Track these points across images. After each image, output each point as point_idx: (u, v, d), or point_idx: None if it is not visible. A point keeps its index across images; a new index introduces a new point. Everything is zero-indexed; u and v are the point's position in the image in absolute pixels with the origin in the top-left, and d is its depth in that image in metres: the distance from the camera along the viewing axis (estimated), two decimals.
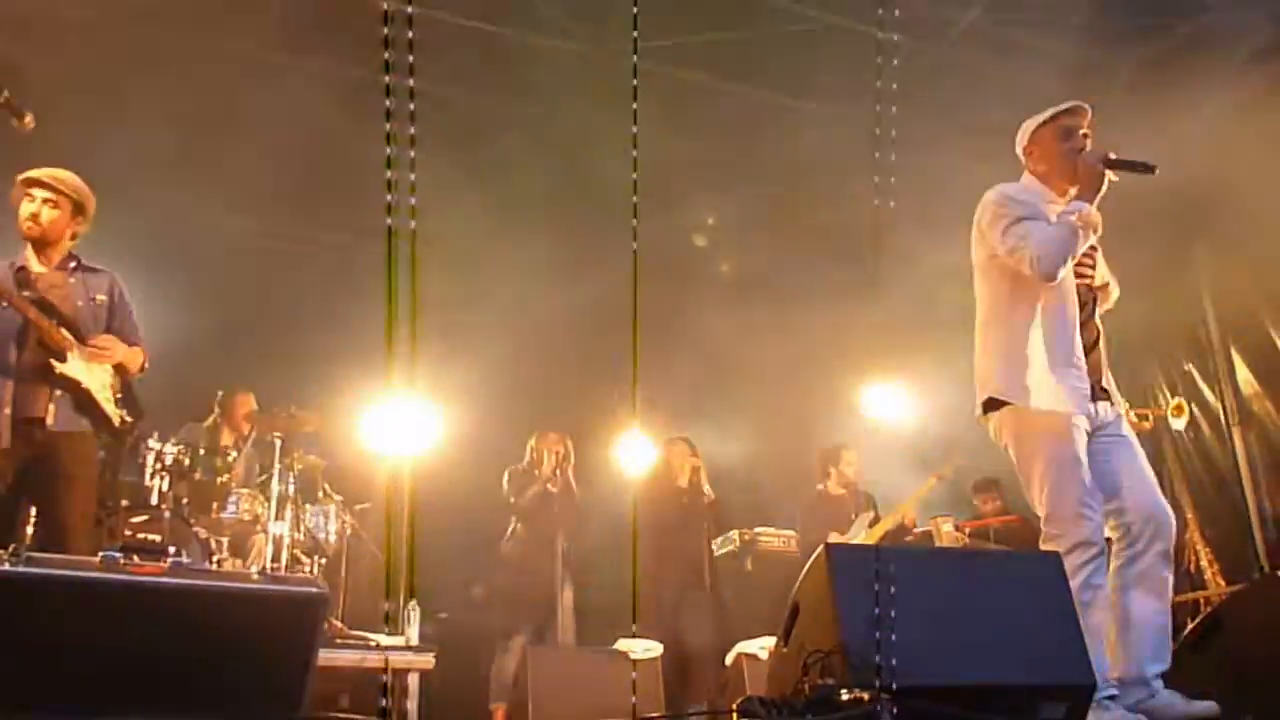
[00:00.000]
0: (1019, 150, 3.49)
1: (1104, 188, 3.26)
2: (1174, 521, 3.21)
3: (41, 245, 3.89)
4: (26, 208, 3.86)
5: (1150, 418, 5.74)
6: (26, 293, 3.78)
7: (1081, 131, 3.37)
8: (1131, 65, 6.22)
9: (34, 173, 3.88)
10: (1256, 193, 5.24)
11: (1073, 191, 3.31)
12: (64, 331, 3.80)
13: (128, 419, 4.00)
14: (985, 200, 3.38)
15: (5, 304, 3.70)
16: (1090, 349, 3.33)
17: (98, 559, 2.39)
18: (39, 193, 3.86)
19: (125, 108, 5.67)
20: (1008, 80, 5.33)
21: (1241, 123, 5.62)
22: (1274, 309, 6.54)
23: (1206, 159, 5.36)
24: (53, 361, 3.74)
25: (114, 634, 2.30)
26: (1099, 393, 3.30)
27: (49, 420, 3.74)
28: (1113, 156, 3.26)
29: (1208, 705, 2.98)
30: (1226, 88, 5.98)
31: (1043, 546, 3.18)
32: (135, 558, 2.44)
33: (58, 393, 3.78)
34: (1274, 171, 5.36)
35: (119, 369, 4.00)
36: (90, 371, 3.85)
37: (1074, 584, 2.95)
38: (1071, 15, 5.83)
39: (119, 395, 3.97)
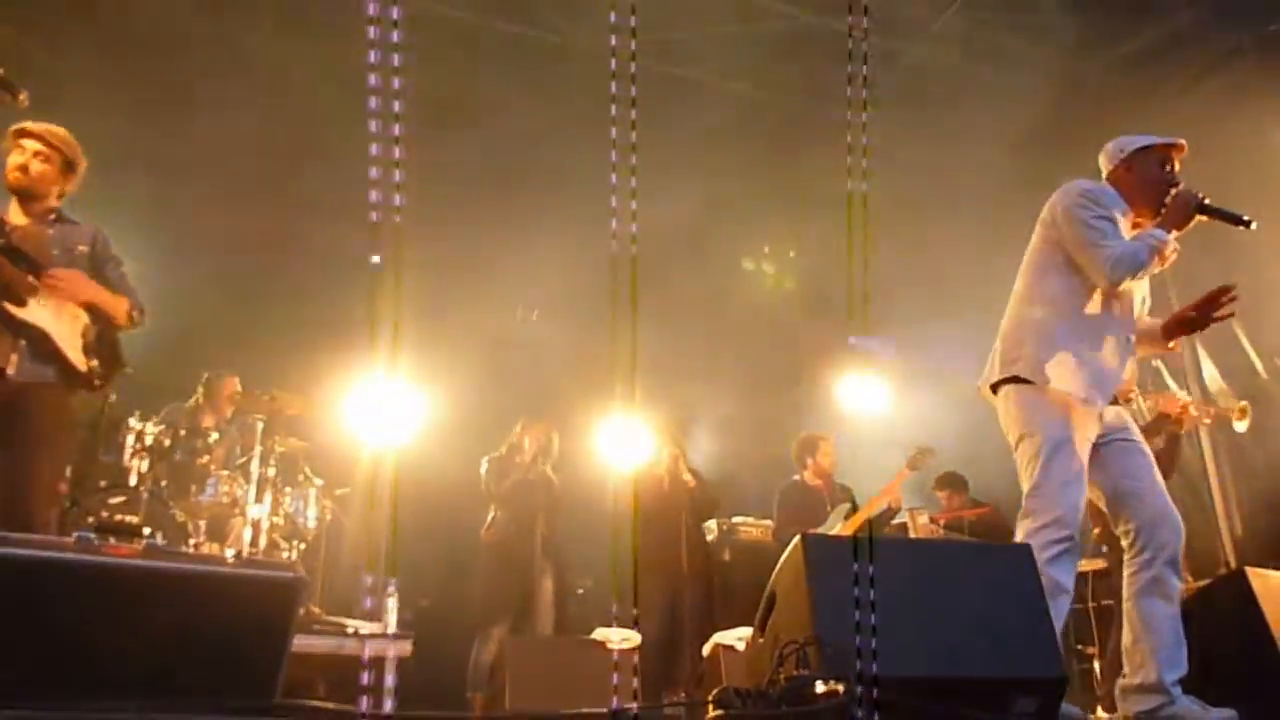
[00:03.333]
0: (1108, 161, 3.50)
1: (1188, 228, 3.31)
2: (1183, 529, 3.22)
3: (27, 199, 3.74)
4: (15, 158, 3.71)
5: (1211, 415, 5.79)
6: None
7: (1178, 168, 3.42)
8: (1102, 67, 6.31)
9: (27, 124, 3.72)
10: (1224, 190, 5.30)
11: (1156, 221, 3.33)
12: (30, 278, 3.60)
13: (98, 368, 3.76)
14: (1070, 188, 3.37)
15: None
16: (1117, 368, 3.34)
17: (72, 539, 2.37)
18: (30, 144, 3.71)
19: (107, 91, 5.63)
20: (981, 80, 5.40)
21: (1211, 123, 5.69)
22: (1240, 308, 6.62)
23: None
24: (8, 305, 3.54)
25: (86, 616, 2.28)
26: (1118, 400, 3.36)
27: (10, 370, 3.53)
28: (1206, 202, 3.30)
29: (1227, 713, 3.02)
30: (1198, 88, 6.06)
31: (1019, 521, 3.22)
32: (110, 539, 2.42)
33: (21, 342, 3.57)
34: (1241, 170, 5.44)
35: (99, 317, 3.79)
36: (58, 319, 3.64)
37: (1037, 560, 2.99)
38: (1043, 17, 5.88)
39: (91, 344, 3.75)
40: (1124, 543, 3.27)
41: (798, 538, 2.73)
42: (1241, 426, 5.76)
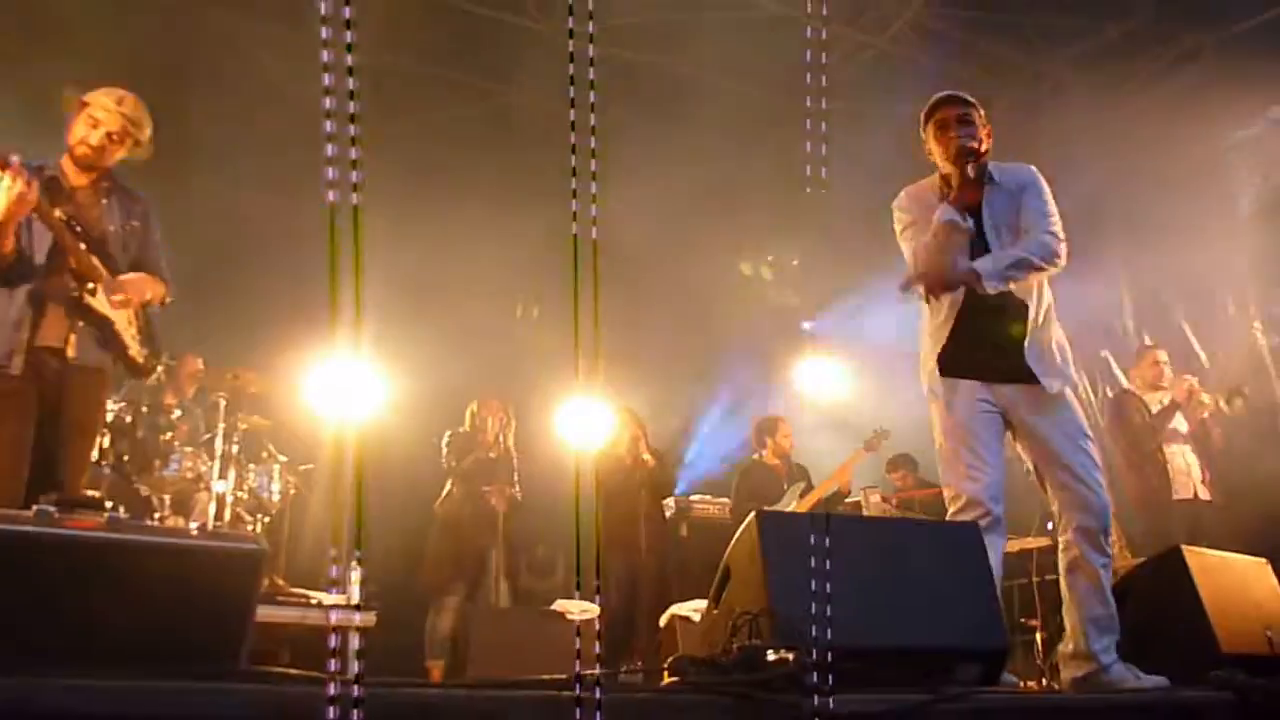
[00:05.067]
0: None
1: (965, 179, 3.28)
2: (1103, 511, 3.31)
3: (85, 165, 3.60)
4: (86, 131, 3.54)
5: (1212, 398, 5.99)
6: (59, 210, 3.43)
7: (957, 123, 3.36)
8: (1062, 63, 6.44)
9: (109, 103, 3.53)
10: (1174, 189, 5.49)
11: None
12: (95, 259, 3.50)
13: (151, 358, 3.74)
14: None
15: (35, 216, 3.34)
16: (1008, 331, 3.37)
17: (31, 512, 2.37)
18: (111, 125, 3.54)
19: (59, 61, 5.55)
20: (943, 75, 5.48)
21: (1162, 124, 5.84)
22: (1185, 300, 6.89)
23: (1128, 157, 5.56)
24: (84, 292, 3.46)
25: (48, 590, 2.29)
26: (1020, 373, 3.35)
27: (70, 352, 3.47)
28: (969, 146, 3.29)
29: (1159, 680, 3.14)
30: (1157, 86, 6.21)
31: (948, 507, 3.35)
32: (72, 512, 2.43)
33: (80, 324, 3.50)
34: (1191, 170, 5.60)
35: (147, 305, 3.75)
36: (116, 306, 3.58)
37: None
38: (1004, 14, 5.98)
39: (142, 332, 3.70)
40: (1057, 520, 3.41)
41: (752, 514, 2.81)
42: (1230, 409, 6.00)
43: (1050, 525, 5.12)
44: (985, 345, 3.37)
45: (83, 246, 3.48)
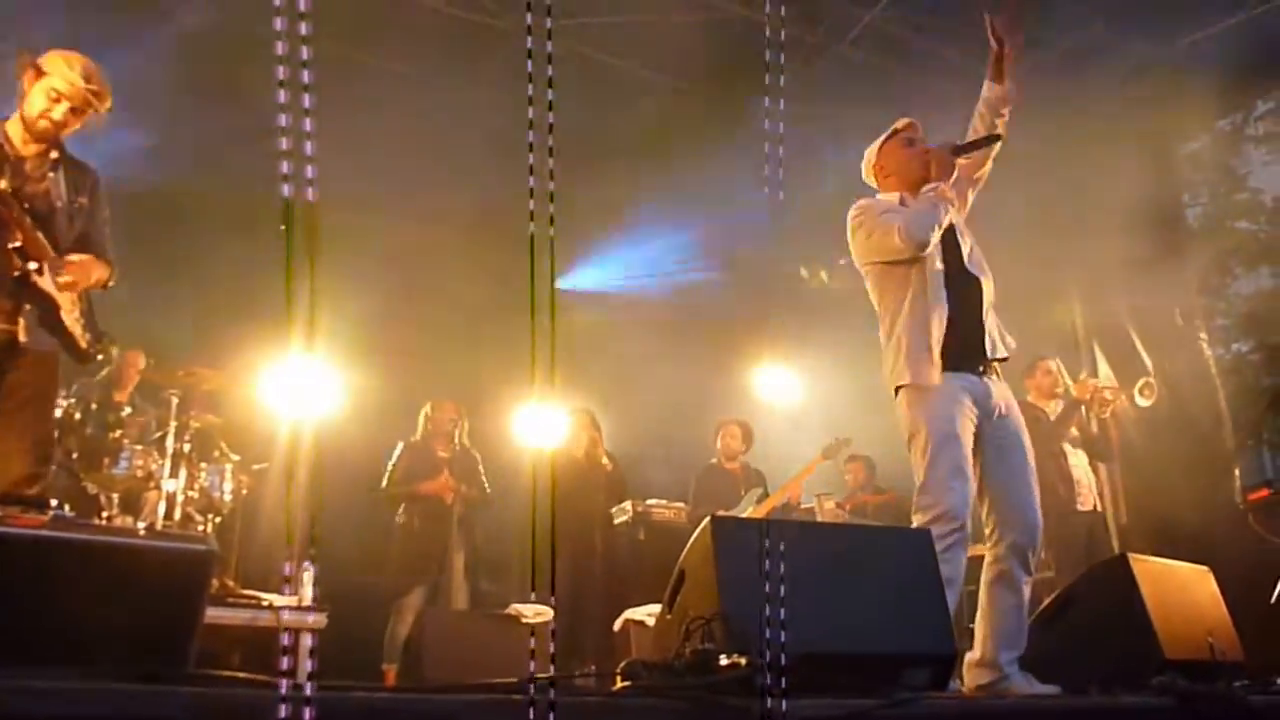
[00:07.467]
0: (868, 175, 3.70)
1: (955, 172, 3.50)
2: (1038, 529, 3.40)
3: (42, 137, 3.41)
4: (47, 104, 3.35)
5: (1124, 397, 6.11)
6: (3, 181, 3.25)
7: (920, 137, 3.61)
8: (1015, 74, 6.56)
9: (74, 76, 3.33)
10: (1125, 201, 5.63)
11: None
12: (41, 237, 3.32)
13: (95, 343, 3.58)
14: (849, 214, 3.57)
15: None
16: (977, 327, 3.46)
17: None
18: (75, 100, 3.36)
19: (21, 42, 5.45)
20: (901, 82, 5.57)
21: (1115, 136, 5.97)
22: (1134, 310, 7.07)
23: (1081, 168, 5.66)
24: (30, 270, 3.28)
25: None
26: (988, 369, 3.46)
27: (22, 336, 3.31)
28: (959, 144, 3.51)
29: (1050, 689, 3.19)
30: (1103, 101, 6.34)
31: (913, 516, 3.36)
32: (15, 510, 2.39)
33: (27, 307, 3.32)
34: (1142, 181, 5.73)
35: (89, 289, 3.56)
36: (59, 288, 3.41)
37: None
38: (959, 23, 6.07)
39: (85, 315, 3.55)
40: (985, 529, 3.45)
41: (707, 519, 2.82)
42: (1145, 402, 6.13)
43: None
44: (976, 346, 3.47)
45: (29, 222, 3.31)
